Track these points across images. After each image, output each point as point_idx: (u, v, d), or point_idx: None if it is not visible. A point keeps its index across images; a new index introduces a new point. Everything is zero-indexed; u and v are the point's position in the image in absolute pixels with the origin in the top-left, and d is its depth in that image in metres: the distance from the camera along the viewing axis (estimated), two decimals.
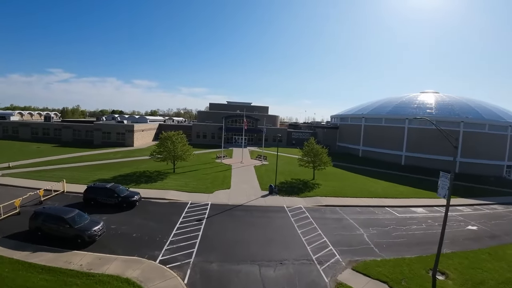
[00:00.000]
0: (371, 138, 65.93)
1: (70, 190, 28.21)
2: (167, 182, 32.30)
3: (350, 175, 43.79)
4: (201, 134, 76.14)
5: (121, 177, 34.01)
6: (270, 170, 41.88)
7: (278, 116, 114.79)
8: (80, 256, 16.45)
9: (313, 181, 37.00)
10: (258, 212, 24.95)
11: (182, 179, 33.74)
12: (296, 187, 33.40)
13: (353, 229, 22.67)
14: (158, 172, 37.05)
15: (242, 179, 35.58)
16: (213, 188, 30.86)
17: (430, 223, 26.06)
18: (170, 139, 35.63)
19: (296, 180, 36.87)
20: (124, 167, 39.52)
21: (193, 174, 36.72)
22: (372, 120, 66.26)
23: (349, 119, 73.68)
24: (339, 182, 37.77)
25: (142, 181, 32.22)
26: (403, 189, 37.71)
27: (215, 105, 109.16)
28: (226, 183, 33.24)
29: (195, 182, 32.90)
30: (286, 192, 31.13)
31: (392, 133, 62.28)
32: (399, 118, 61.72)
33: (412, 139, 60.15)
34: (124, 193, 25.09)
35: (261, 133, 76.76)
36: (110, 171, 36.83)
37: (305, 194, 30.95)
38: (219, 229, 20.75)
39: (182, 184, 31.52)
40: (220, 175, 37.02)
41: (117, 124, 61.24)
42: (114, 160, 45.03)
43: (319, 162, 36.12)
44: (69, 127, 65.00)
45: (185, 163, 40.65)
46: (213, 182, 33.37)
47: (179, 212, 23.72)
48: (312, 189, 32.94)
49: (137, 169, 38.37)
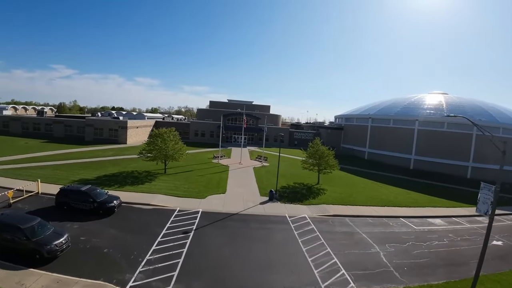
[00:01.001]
0: (378, 140, 62.46)
1: (45, 192, 24.91)
2: (155, 184, 28.99)
3: (357, 180, 40.37)
4: (199, 132, 72.79)
5: (106, 177, 30.79)
6: (270, 173, 38.54)
7: (279, 116, 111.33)
8: (35, 277, 13.29)
9: (317, 186, 33.62)
10: (256, 222, 21.57)
11: (172, 181, 30.42)
12: (299, 193, 30.03)
13: (367, 246, 19.30)
14: (148, 172, 33.74)
15: (239, 182, 32.22)
16: (207, 192, 27.51)
17: (452, 238, 22.80)
18: (161, 136, 32.31)
19: (299, 185, 33.48)
20: (111, 166, 36.29)
21: (186, 176, 33.37)
22: (380, 121, 62.76)
23: (355, 119, 70.19)
24: (347, 188, 34.39)
25: (127, 183, 28.96)
26: (417, 197, 34.35)
27: (216, 103, 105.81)
28: (222, 186, 29.89)
29: (186, 185, 29.56)
30: (288, 198, 27.77)
31: (401, 135, 58.84)
32: (409, 119, 58.27)
33: (422, 142, 56.75)
34: (101, 197, 21.80)
35: (261, 133, 73.34)
36: (95, 170, 33.61)
37: (310, 201, 27.57)
38: (209, 245, 17.39)
39: (171, 187, 28.20)
40: (216, 177, 33.66)
41: (110, 120, 57.96)
42: (103, 158, 41.78)
43: (325, 165, 32.71)
44: (60, 122, 61.83)
45: (179, 163, 37.33)
46: (207, 185, 30.02)
47: (163, 221, 20.37)
48: (317, 196, 29.57)
49: (125, 169, 35.10)
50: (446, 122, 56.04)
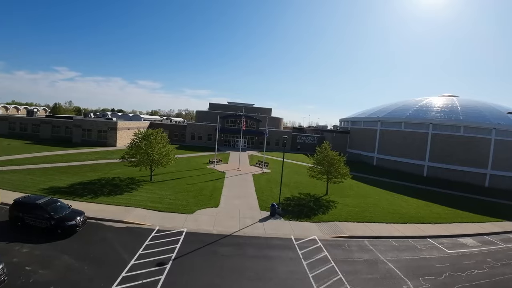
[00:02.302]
0: (388, 145, 57.97)
1: (7, 202, 20.50)
2: (136, 194, 24.58)
3: (369, 189, 35.83)
4: (196, 135, 68.51)
5: (81, 185, 26.48)
6: (272, 181, 34.08)
7: (281, 119, 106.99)
8: None
9: (326, 197, 29.14)
10: (254, 248, 17.08)
11: (157, 191, 26.00)
12: (305, 206, 25.53)
13: (397, 282, 14.80)
14: (131, 180, 29.39)
15: (236, 193, 27.76)
16: (196, 205, 23.05)
17: (491, 263, 18.53)
18: (147, 138, 28.02)
19: (305, 196, 28.98)
20: (92, 172, 32.01)
21: (174, 184, 28.93)
22: (390, 124, 58.31)
23: (362, 122, 65.73)
24: (359, 199, 29.90)
25: (104, 192, 24.61)
26: (438, 210, 29.92)
27: (215, 105, 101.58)
28: (215, 198, 25.41)
29: (173, 195, 25.12)
30: (293, 213, 23.28)
31: (413, 140, 54.38)
32: (422, 123, 53.87)
33: (436, 147, 52.30)
34: (61, 213, 17.47)
35: (262, 136, 68.92)
36: (72, 176, 29.33)
37: (319, 217, 23.05)
38: (189, 284, 12.94)
39: (155, 199, 23.78)
40: (209, 186, 29.19)
41: (98, 121, 53.73)
42: (86, 162, 37.50)
43: (335, 173, 28.23)
44: (48, 122, 57.68)
45: (168, 168, 33.06)
46: (197, 196, 25.54)
47: (135, 246, 15.95)
48: (327, 210, 25.07)
49: (106, 175, 30.79)
50: (462, 126, 51.72)
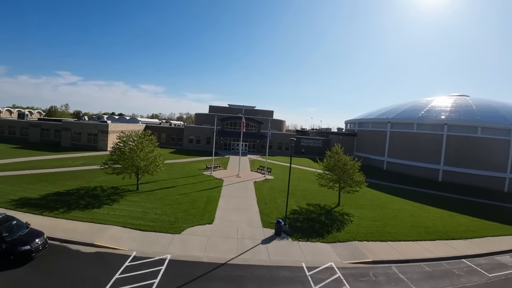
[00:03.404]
0: (399, 148, 54.15)
1: None
2: (116, 208, 20.85)
3: (384, 198, 31.96)
4: (194, 139, 64.89)
5: (55, 196, 22.90)
6: (276, 189, 30.27)
7: (284, 121, 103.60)
8: None
9: (339, 208, 25.29)
10: (255, 283, 13.18)
11: (142, 203, 22.24)
12: (316, 221, 21.68)
13: None
14: (114, 189, 25.70)
15: (234, 205, 23.94)
16: (186, 221, 19.23)
17: None
18: (132, 142, 24.37)
19: (314, 207, 25.13)
20: (73, 179, 28.42)
21: (163, 194, 25.12)
22: (401, 126, 54.51)
23: (371, 124, 61.95)
24: (376, 211, 26.05)
25: (79, 205, 20.94)
26: (464, 221, 26.21)
27: (215, 107, 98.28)
28: (209, 212, 21.55)
29: (160, 209, 21.34)
30: (302, 230, 19.44)
31: (427, 142, 50.58)
32: (436, 124, 50.11)
33: (452, 150, 48.52)
34: (15, 234, 13.91)
35: (264, 139, 65.24)
36: (49, 185, 25.77)
37: (334, 235, 19.20)
38: None
39: (137, 214, 20.02)
40: (203, 197, 25.35)
41: (89, 123, 50.32)
42: (70, 168, 33.91)
43: (350, 181, 24.40)
44: (36, 125, 54.33)
45: (158, 176, 29.34)
46: (188, 209, 21.70)
47: (102, 280, 12.18)
48: (342, 225, 21.22)
49: (88, 183, 27.16)
50: (479, 127, 48.03)
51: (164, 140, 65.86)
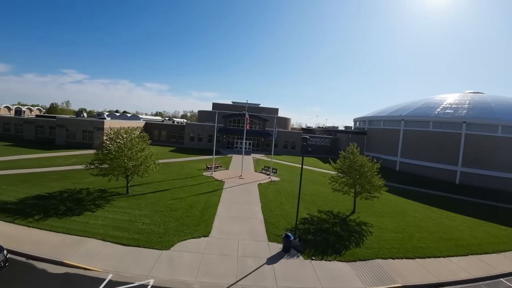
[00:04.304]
0: (413, 147, 50.69)
1: None
2: (99, 215, 18.08)
3: (402, 203, 28.79)
4: (195, 137, 62.15)
5: (36, 199, 20.29)
6: (282, 193, 27.24)
7: (289, 119, 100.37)
8: None
9: (355, 216, 22.21)
10: None
11: (130, 210, 19.43)
12: (330, 232, 18.64)
13: None
14: (102, 192, 22.99)
15: (235, 212, 20.97)
16: (177, 233, 16.32)
17: None
18: (121, 140, 21.56)
19: (327, 215, 22.07)
20: (59, 180, 25.83)
21: (155, 199, 22.27)
22: (415, 124, 50.99)
23: (382, 122, 58.46)
24: (397, 219, 22.93)
25: (58, 212, 18.27)
26: (493, 230, 23.20)
27: (219, 105, 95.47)
28: (206, 221, 18.59)
29: (150, 217, 18.50)
30: (315, 245, 16.42)
31: (444, 142, 47.07)
32: (454, 122, 46.56)
33: (471, 150, 44.98)
34: None
35: (269, 137, 62.32)
36: (31, 187, 23.22)
37: (353, 252, 16.15)
38: None
39: (122, 223, 17.21)
40: (201, 202, 22.40)
41: (83, 120, 47.80)
42: (59, 168, 31.41)
43: (368, 186, 21.27)
44: (31, 122, 52.11)
45: (154, 176, 26.72)
46: (182, 218, 18.81)
47: None
48: (361, 238, 18.16)
49: (74, 185, 24.52)
50: (500, 125, 44.46)
51: (165, 138, 63.28)
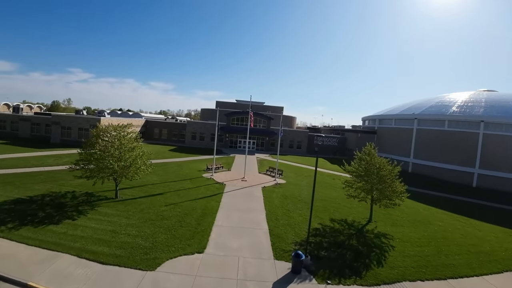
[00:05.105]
0: (427, 148, 47.74)
1: None
2: (79, 224, 15.74)
3: (421, 210, 26.03)
4: (197, 135, 59.84)
5: (14, 204, 18.14)
6: (289, 198, 24.63)
7: (295, 118, 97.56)
8: None
9: (371, 226, 19.57)
10: None
11: (116, 218, 17.03)
12: (346, 247, 16.00)
13: None
14: (88, 196, 20.72)
15: (236, 221, 18.38)
16: (167, 249, 13.79)
17: None
18: (106, 137, 19.23)
19: (340, 225, 19.43)
20: (44, 182, 23.69)
21: (146, 205, 19.78)
22: (430, 123, 48.03)
23: (394, 121, 55.47)
24: (418, 228, 20.23)
25: (35, 219, 16.02)
26: None
27: (222, 103, 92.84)
28: (201, 233, 15.97)
29: (137, 227, 16.05)
30: (330, 264, 13.80)
31: (460, 142, 44.09)
32: (472, 121, 43.56)
33: (489, 151, 41.99)
34: None
35: (274, 136, 59.78)
36: (13, 189, 21.09)
37: (375, 272, 13.54)
38: None
39: (104, 234, 14.82)
40: (197, 209, 19.84)
41: (79, 117, 45.78)
42: (48, 168, 29.29)
43: (389, 192, 18.61)
44: (27, 119, 50.34)
45: (149, 178, 24.39)
46: (174, 228, 16.24)
47: None
48: (383, 254, 15.52)
49: (59, 188, 22.34)
50: None
51: (166, 136, 61.12)
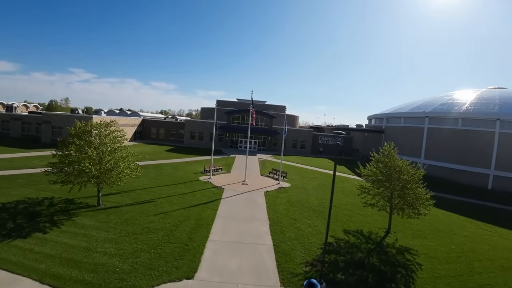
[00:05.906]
0: (438, 147, 45.02)
1: None
2: (49, 239, 13.24)
3: (442, 217, 23.43)
4: (196, 135, 57.37)
5: None
6: (295, 204, 22.01)
7: (297, 117, 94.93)
8: None
9: (391, 239, 16.96)
10: None
11: (93, 231, 14.51)
12: (366, 267, 13.42)
13: None
14: (68, 203, 18.25)
15: (234, 234, 15.71)
16: (148, 273, 11.20)
17: None
18: (84, 137, 16.70)
19: (355, 237, 16.77)
20: (23, 186, 21.24)
21: (132, 214, 17.25)
22: (442, 121, 45.30)
23: (403, 119, 52.71)
24: (444, 241, 17.62)
25: (3, 231, 13.64)
26: None
27: (223, 102, 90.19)
28: (193, 250, 13.34)
29: (115, 243, 13.48)
30: None
31: (474, 141, 41.39)
32: (487, 119, 40.87)
33: (506, 151, 39.33)
34: None
35: (276, 136, 57.24)
36: None
37: None
38: None
39: (75, 253, 12.31)
40: (190, 220, 17.16)
41: (70, 115, 43.40)
42: (31, 170, 26.78)
43: (413, 199, 16.00)
44: (18, 118, 48.08)
45: (140, 181, 21.90)
46: (161, 245, 13.58)
47: None
48: (409, 275, 12.95)
49: (38, 193, 19.86)
50: None
51: (163, 136, 58.74)
